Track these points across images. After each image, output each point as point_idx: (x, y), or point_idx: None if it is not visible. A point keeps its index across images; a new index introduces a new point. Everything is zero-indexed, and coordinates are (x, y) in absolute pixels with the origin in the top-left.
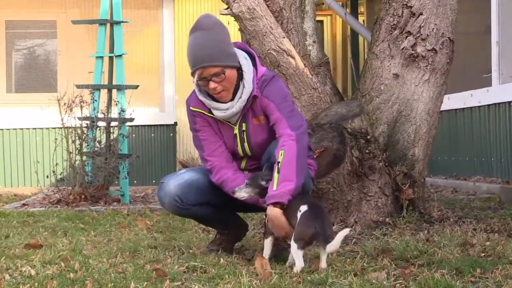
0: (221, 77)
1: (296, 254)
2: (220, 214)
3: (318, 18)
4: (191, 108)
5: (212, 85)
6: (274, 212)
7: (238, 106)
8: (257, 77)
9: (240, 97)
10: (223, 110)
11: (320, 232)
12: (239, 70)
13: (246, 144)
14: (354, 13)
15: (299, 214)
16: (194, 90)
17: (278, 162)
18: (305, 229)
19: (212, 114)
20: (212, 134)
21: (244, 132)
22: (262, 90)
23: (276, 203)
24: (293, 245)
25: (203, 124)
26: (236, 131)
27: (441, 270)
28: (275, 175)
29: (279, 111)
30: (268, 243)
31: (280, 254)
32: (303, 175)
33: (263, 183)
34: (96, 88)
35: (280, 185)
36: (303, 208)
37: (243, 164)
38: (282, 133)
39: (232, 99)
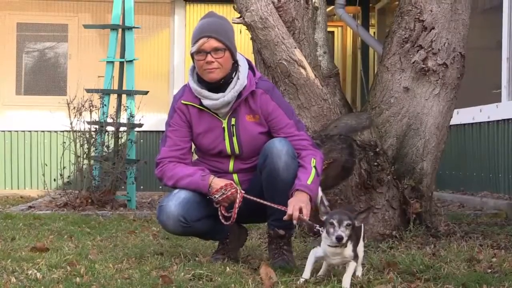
0: (219, 54)
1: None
2: (218, 224)
3: (329, 29)
4: (182, 101)
5: (209, 58)
6: (305, 197)
7: (230, 96)
8: (255, 78)
9: (233, 88)
10: (214, 99)
11: None
12: (235, 64)
13: (235, 139)
14: (365, 25)
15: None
16: (183, 86)
17: (315, 166)
18: None
19: (203, 106)
20: (180, 136)
21: (234, 127)
22: (270, 94)
23: (305, 193)
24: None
25: (178, 124)
26: (225, 124)
27: (447, 285)
28: (313, 172)
29: (289, 118)
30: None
31: (286, 264)
32: None
33: (357, 222)
34: (106, 92)
35: (314, 183)
36: None
37: (231, 166)
38: (298, 137)
39: (224, 91)
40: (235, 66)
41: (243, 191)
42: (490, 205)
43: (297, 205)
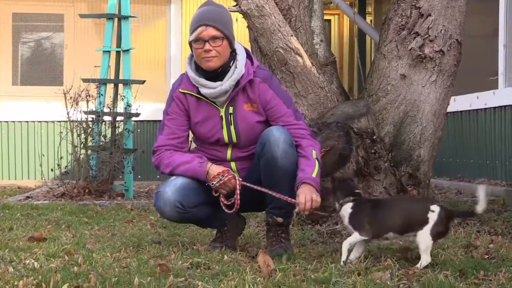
0: (217, 43)
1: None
2: (217, 211)
3: (325, 17)
4: (180, 90)
5: (207, 46)
6: (314, 189)
7: (228, 84)
8: (253, 67)
9: (231, 76)
10: (212, 87)
11: None
12: (233, 52)
13: (232, 128)
14: (362, 13)
15: (431, 214)
16: (181, 75)
17: (317, 158)
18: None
19: (200, 95)
20: (177, 124)
21: (231, 115)
22: (268, 83)
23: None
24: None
25: (176, 113)
26: (222, 113)
27: (444, 272)
28: (317, 165)
29: (288, 106)
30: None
31: (283, 252)
32: None
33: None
34: (102, 82)
35: (318, 177)
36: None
37: (228, 154)
38: (297, 126)
39: (222, 79)
40: (233, 54)
41: (240, 179)
42: (487, 192)
43: (309, 196)
